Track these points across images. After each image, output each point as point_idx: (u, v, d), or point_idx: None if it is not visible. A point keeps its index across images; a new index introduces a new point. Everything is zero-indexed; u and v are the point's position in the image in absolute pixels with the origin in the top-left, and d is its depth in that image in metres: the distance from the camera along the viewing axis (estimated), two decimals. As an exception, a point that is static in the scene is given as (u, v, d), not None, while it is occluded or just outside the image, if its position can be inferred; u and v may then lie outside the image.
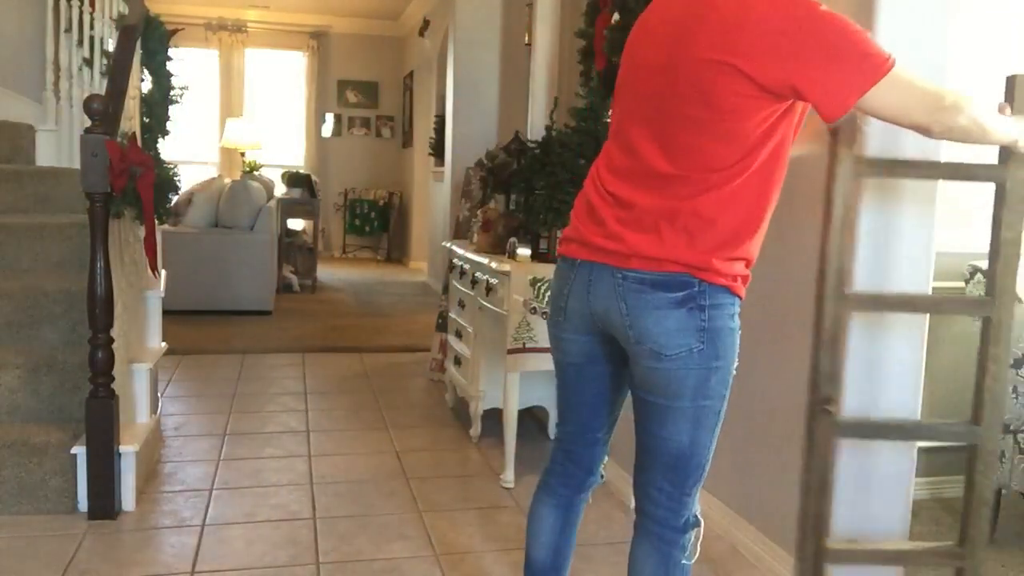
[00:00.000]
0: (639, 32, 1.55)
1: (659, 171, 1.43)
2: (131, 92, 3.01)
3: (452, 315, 3.87)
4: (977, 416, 1.80)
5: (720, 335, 1.45)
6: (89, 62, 4.33)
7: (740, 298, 1.49)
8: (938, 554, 1.95)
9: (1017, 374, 2.56)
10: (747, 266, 1.49)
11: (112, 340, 2.62)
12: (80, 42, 4.34)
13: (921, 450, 2.31)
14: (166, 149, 3.40)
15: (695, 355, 1.43)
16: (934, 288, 2.18)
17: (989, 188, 1.81)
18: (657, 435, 1.50)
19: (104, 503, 2.61)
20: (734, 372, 1.51)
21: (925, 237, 2.12)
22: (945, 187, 2.09)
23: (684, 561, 1.55)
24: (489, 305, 3.24)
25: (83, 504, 2.63)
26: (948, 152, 1.94)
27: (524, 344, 3.02)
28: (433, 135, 7.07)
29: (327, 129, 10.38)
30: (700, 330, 1.43)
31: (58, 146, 4.40)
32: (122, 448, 2.66)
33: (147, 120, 3.28)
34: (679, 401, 1.46)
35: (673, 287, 1.42)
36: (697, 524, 1.56)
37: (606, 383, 1.64)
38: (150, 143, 3.26)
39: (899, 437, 2.05)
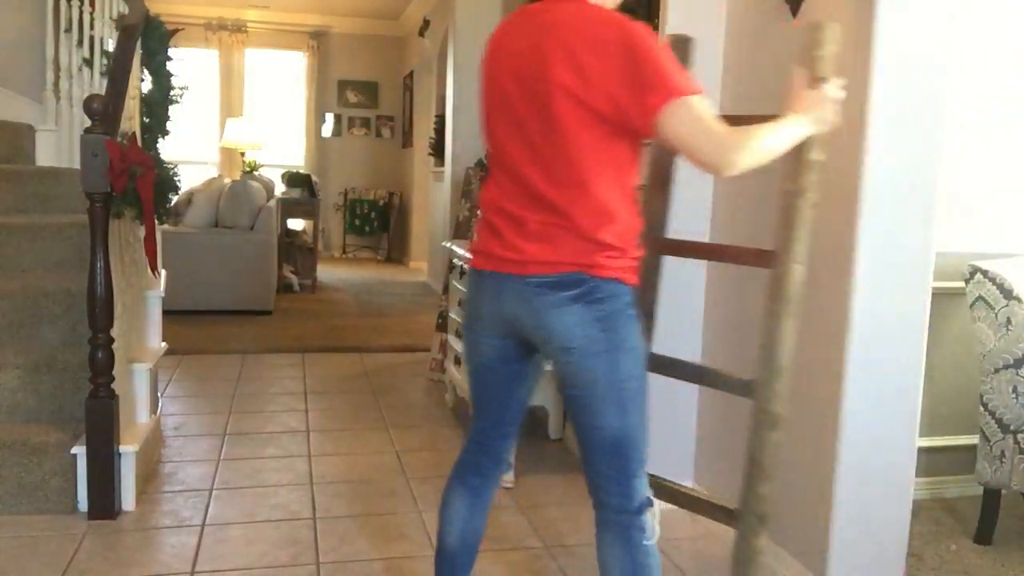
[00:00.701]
0: (495, 61, 1.66)
1: (539, 189, 1.57)
2: (131, 92, 3.01)
3: (452, 315, 3.87)
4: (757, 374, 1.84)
5: (618, 320, 1.56)
6: (89, 62, 4.33)
7: (631, 285, 1.60)
8: (712, 508, 1.97)
9: (1017, 374, 2.56)
10: (634, 259, 1.60)
11: (112, 340, 2.62)
12: (80, 42, 4.33)
13: (921, 450, 2.31)
14: (166, 149, 3.39)
15: (599, 342, 1.55)
16: (934, 288, 2.18)
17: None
18: (591, 426, 1.61)
19: (104, 503, 2.61)
20: (645, 355, 1.63)
21: (925, 237, 2.12)
22: (946, 185, 2.09)
23: (646, 542, 1.62)
24: (489, 305, 3.23)
25: (83, 504, 2.63)
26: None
27: (524, 344, 3.02)
28: (433, 135, 7.07)
29: (327, 129, 10.39)
30: (598, 319, 1.55)
31: (58, 146, 4.39)
32: (122, 448, 2.66)
33: (147, 120, 3.27)
34: (598, 388, 1.57)
35: (569, 285, 1.55)
36: (651, 504, 1.65)
37: (516, 382, 1.79)
38: (150, 143, 3.25)
39: (684, 378, 2.12)
